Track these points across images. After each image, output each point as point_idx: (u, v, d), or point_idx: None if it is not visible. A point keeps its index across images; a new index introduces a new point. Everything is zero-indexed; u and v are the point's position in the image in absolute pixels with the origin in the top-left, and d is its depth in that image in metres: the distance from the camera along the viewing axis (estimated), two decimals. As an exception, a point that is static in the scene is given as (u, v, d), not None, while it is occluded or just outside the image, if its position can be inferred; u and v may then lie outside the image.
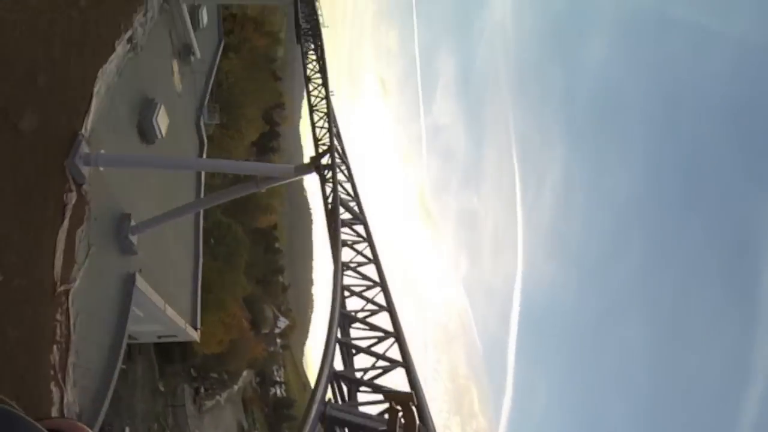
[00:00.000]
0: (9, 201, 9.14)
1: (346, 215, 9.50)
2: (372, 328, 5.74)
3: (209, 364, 40.48)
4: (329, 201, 10.05)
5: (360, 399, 4.33)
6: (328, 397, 3.78)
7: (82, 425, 1.34)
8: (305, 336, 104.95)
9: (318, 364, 4.23)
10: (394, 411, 1.33)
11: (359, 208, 10.15)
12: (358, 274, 7.12)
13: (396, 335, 5.47)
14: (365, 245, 8.36)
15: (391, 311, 5.99)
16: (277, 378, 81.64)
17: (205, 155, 26.87)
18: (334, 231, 8.21)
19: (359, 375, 4.62)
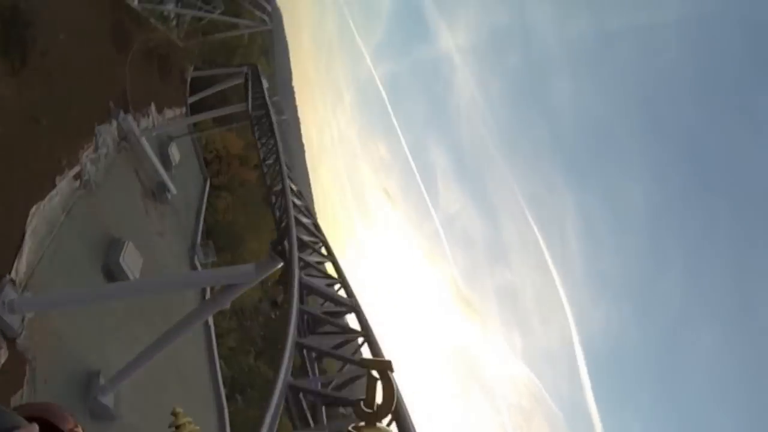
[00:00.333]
0: None
1: (330, 306, 6.86)
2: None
3: None
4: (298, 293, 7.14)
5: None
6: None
7: (59, 406, 1.30)
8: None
9: None
10: (372, 379, 1.19)
11: (347, 291, 7.54)
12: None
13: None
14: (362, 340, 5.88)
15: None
16: None
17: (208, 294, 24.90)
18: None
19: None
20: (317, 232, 10.05)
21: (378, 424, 1.21)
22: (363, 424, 1.21)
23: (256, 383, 36.43)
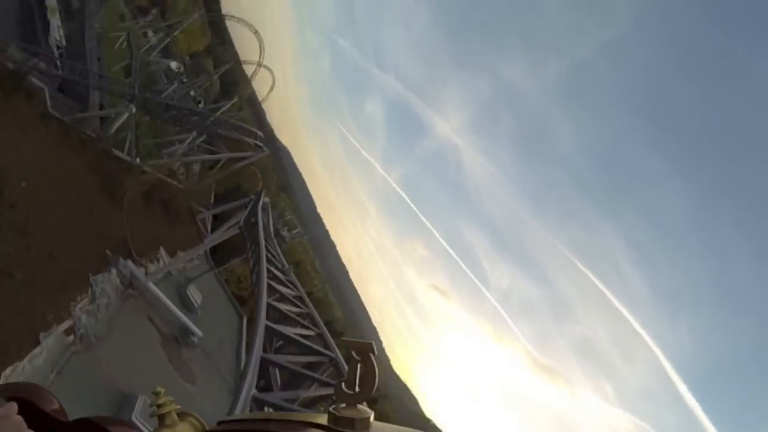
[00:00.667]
0: None
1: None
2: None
3: None
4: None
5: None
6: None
7: (43, 387, 1.19)
8: None
9: None
10: (353, 360, 1.17)
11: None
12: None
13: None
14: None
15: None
16: None
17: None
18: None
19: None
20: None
21: (358, 405, 1.14)
22: (344, 405, 1.12)
23: None
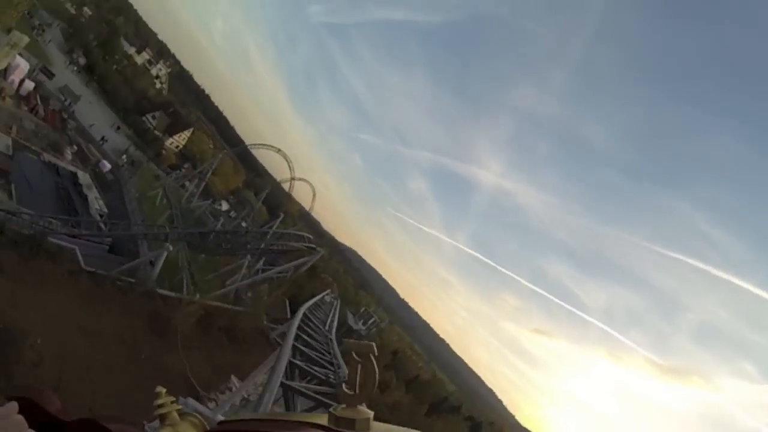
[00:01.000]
0: None
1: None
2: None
3: None
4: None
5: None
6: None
7: (42, 387, 1.16)
8: None
9: None
10: (354, 361, 1.15)
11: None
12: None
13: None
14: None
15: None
16: None
17: None
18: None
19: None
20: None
21: (359, 406, 1.10)
22: (344, 406, 1.09)
23: None
